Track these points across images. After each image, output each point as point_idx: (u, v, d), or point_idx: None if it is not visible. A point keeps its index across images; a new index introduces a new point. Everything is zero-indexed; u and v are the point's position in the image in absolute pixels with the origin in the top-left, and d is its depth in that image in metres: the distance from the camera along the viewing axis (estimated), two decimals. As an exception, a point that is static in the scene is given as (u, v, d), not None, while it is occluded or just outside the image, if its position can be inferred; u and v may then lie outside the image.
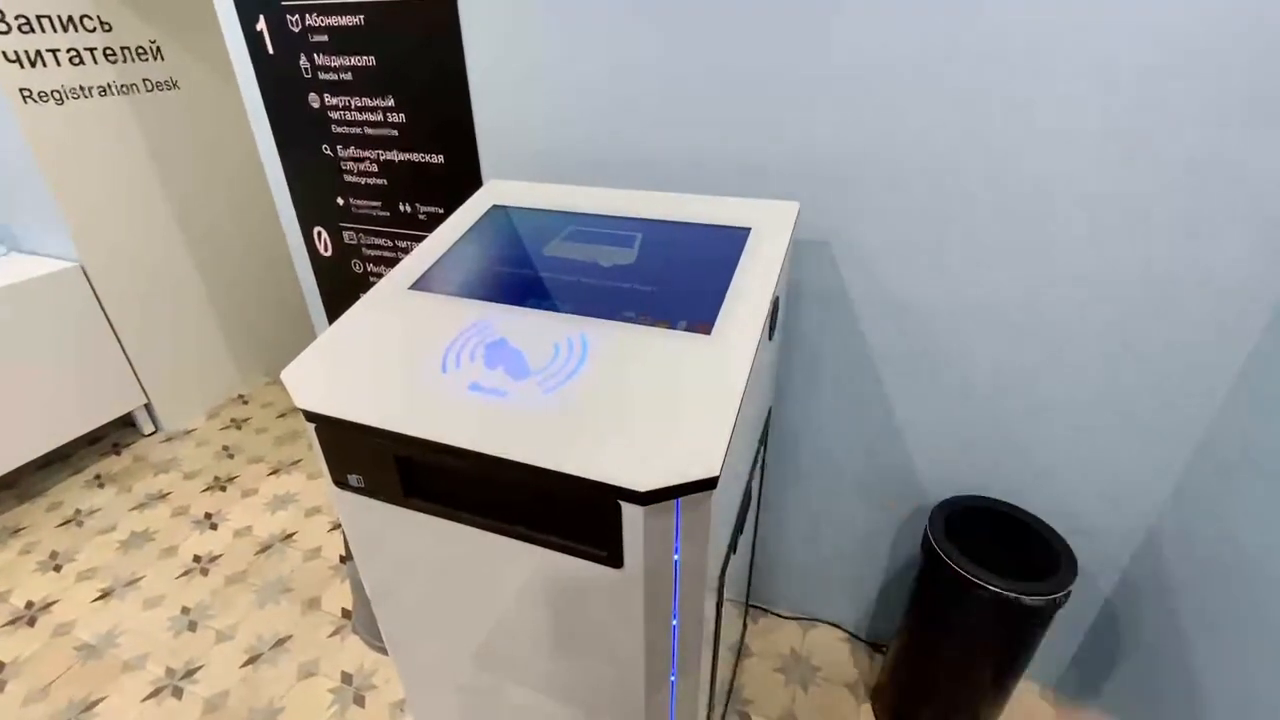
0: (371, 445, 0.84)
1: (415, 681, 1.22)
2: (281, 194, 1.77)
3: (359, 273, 1.78)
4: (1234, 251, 1.04)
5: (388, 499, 0.90)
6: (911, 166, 1.16)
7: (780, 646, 1.75)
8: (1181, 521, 1.23)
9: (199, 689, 1.66)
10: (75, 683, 1.68)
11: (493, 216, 1.22)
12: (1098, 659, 1.44)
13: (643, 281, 1.01)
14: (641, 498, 0.71)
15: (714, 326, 0.89)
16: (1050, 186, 1.09)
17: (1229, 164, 0.99)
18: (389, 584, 1.07)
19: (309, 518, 2.23)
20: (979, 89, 1.06)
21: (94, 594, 1.95)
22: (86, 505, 2.31)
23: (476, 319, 0.95)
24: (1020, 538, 1.31)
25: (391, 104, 1.47)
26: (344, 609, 1.87)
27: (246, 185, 2.74)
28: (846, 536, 1.64)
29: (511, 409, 0.80)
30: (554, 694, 1.03)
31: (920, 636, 1.40)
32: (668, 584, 0.80)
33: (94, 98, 2.26)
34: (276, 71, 1.57)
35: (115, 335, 2.47)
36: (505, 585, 0.92)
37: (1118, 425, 1.25)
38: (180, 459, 2.56)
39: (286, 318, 3.06)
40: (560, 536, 0.82)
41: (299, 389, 0.87)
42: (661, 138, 1.29)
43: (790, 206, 1.13)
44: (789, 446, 1.56)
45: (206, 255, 2.74)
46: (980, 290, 1.22)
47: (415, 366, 0.88)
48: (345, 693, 1.64)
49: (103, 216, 2.36)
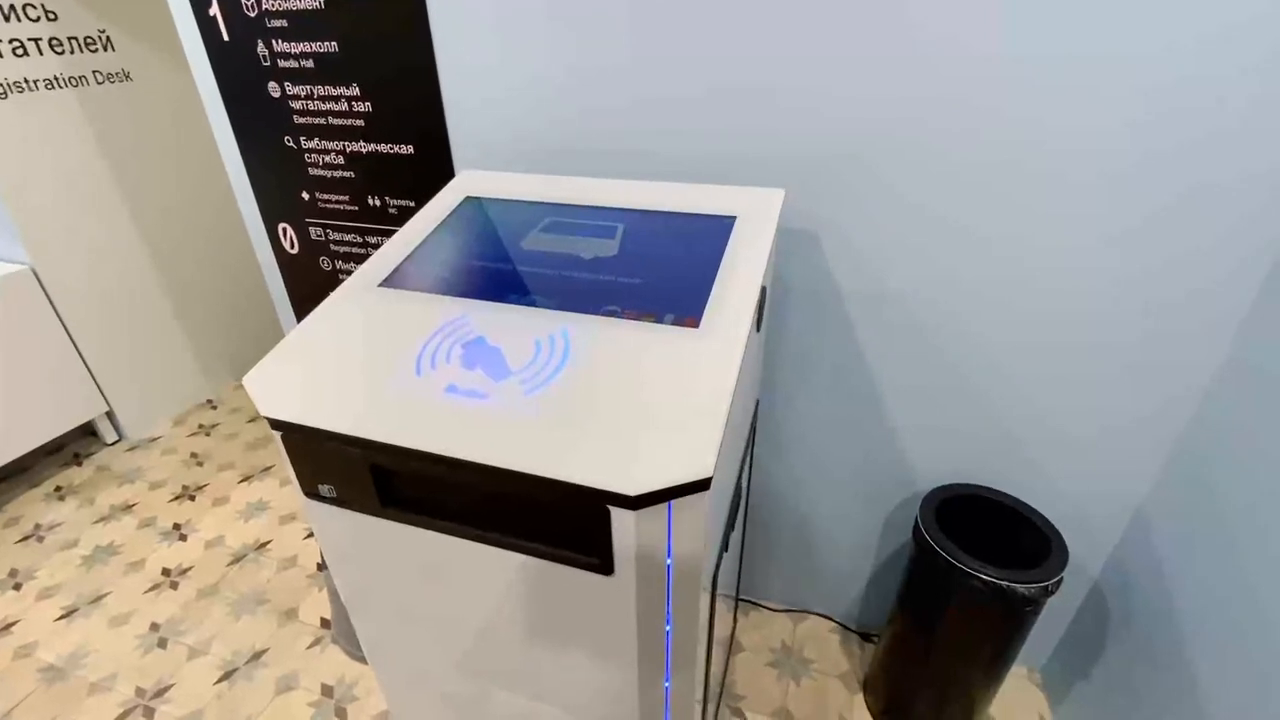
0: (344, 454, 0.80)
1: (397, 692, 1.18)
2: (243, 189, 1.69)
3: (327, 270, 1.71)
4: (1217, 242, 1.04)
5: (363, 509, 0.85)
6: (899, 153, 1.13)
7: (771, 640, 1.74)
8: (1169, 503, 1.23)
9: (171, 709, 1.59)
10: (39, 708, 1.60)
11: (466, 208, 1.17)
12: (1086, 641, 1.45)
13: (626, 274, 0.97)
14: (631, 502, 0.67)
15: (701, 320, 0.85)
16: (1044, 178, 1.08)
17: (1217, 161, 0.98)
18: (367, 595, 1.02)
19: (284, 525, 2.16)
20: (981, 72, 1.04)
21: (57, 613, 1.86)
22: (47, 519, 2.21)
23: (452, 317, 0.90)
24: (1009, 525, 1.31)
25: (356, 93, 1.41)
26: (323, 619, 1.81)
27: (207, 181, 2.63)
28: (835, 527, 1.63)
29: (492, 412, 0.76)
30: (543, 699, 0.99)
31: (912, 626, 1.39)
32: (660, 588, 0.76)
33: (40, 91, 2.14)
34: (233, 59, 1.48)
35: (72, 340, 2.35)
36: (489, 594, 0.88)
37: (1105, 411, 1.24)
38: (146, 468, 2.45)
39: (253, 319, 2.96)
40: (546, 544, 0.78)
41: (263, 396, 0.82)
42: (641, 125, 1.25)
43: (776, 194, 1.10)
44: (776, 439, 1.54)
45: (166, 255, 2.62)
46: (969, 279, 1.20)
47: (388, 369, 0.83)
48: (326, 706, 1.59)
49: (54, 216, 2.24)
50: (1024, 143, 1.06)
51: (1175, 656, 1.13)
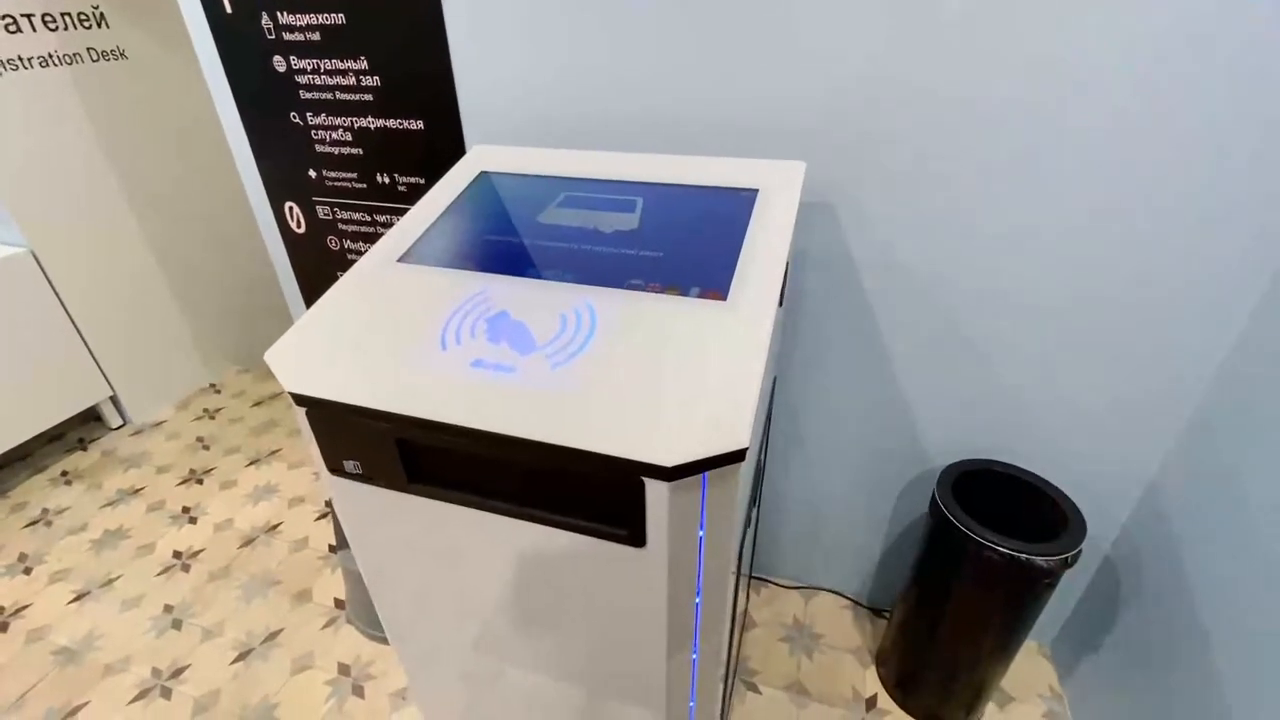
0: (370, 429, 0.79)
1: (418, 669, 1.18)
2: (248, 167, 1.66)
3: (335, 249, 1.69)
4: (1239, 218, 1.03)
5: (388, 485, 0.85)
6: (917, 126, 1.11)
7: (783, 616, 1.75)
8: (1181, 479, 1.24)
9: (188, 689, 1.60)
10: (54, 690, 1.61)
11: (481, 183, 1.15)
12: (1096, 616, 1.46)
13: (648, 247, 0.96)
14: (667, 473, 0.66)
15: (729, 292, 0.84)
16: (1063, 153, 1.06)
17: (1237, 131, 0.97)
18: (389, 573, 1.02)
19: (293, 508, 2.16)
20: (992, 42, 1.02)
21: (68, 596, 1.86)
22: (54, 504, 2.20)
23: (474, 292, 0.89)
24: (1022, 500, 1.31)
25: (364, 66, 1.38)
26: (336, 599, 1.82)
27: (208, 160, 2.59)
28: (848, 505, 1.63)
29: (520, 385, 0.75)
30: (569, 677, 1.00)
31: (927, 599, 1.40)
32: (691, 560, 0.76)
33: (34, 69, 2.09)
34: (236, 32, 1.45)
35: (74, 324, 2.33)
36: (514, 569, 0.88)
37: (1118, 386, 1.24)
38: (151, 452, 2.44)
39: (256, 301, 2.93)
40: (577, 517, 0.77)
41: (286, 371, 0.81)
42: (658, 98, 1.23)
43: (797, 166, 1.08)
44: (790, 415, 1.54)
45: (167, 237, 2.59)
46: (985, 254, 1.19)
47: (412, 344, 0.82)
48: (343, 684, 1.59)
49: (51, 198, 2.21)
50: (1044, 117, 1.05)
51: (1187, 631, 1.14)
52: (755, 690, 1.57)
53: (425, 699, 1.25)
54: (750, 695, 1.56)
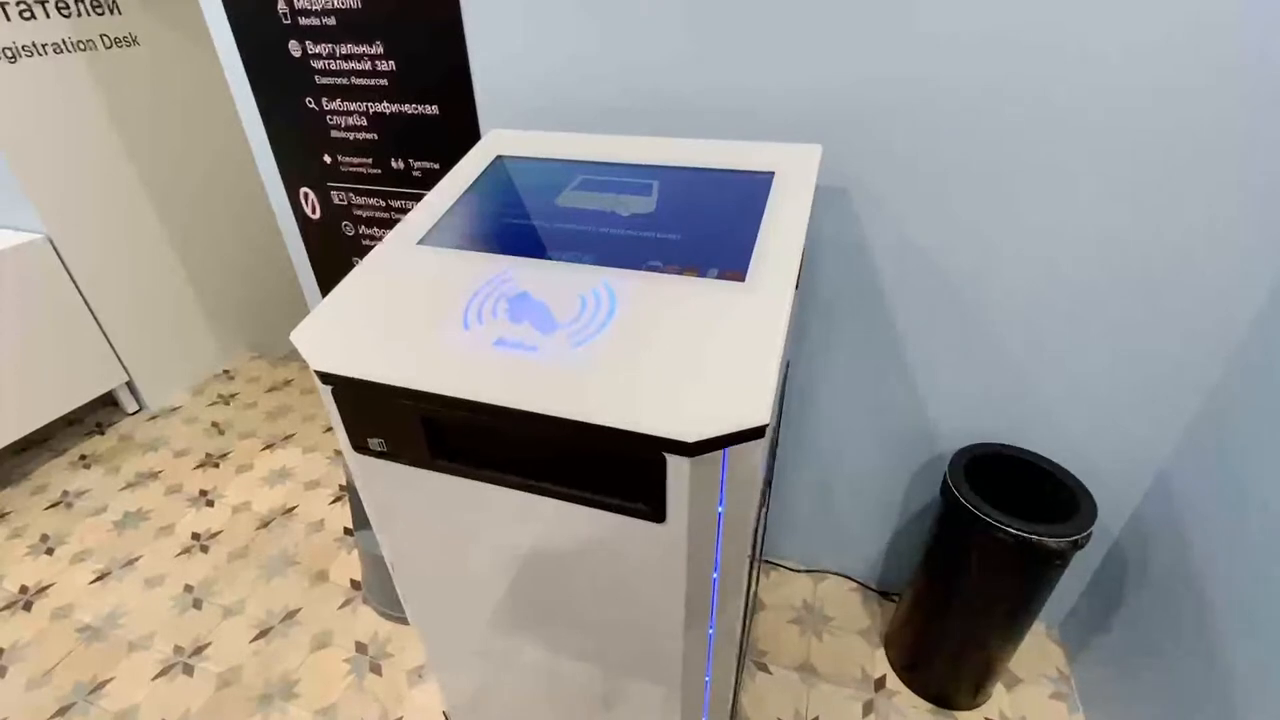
0: (395, 406, 0.80)
1: (437, 646, 1.21)
2: (263, 153, 1.67)
3: (350, 235, 1.70)
4: (1254, 205, 1.02)
5: (412, 462, 0.86)
6: (933, 108, 1.11)
7: (793, 599, 1.77)
8: (1192, 464, 1.24)
9: (210, 665, 1.63)
10: (79, 665, 1.65)
11: (498, 167, 1.16)
12: (1105, 599, 1.48)
13: (666, 230, 0.96)
14: (689, 449, 0.68)
15: (747, 273, 0.85)
16: (1077, 138, 1.06)
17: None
18: (410, 550, 1.04)
19: (309, 491, 2.19)
20: (1009, 27, 1.01)
21: (91, 576, 1.90)
22: (74, 486, 2.24)
23: (494, 273, 0.90)
24: (1031, 483, 1.32)
25: (380, 50, 1.38)
26: (353, 580, 1.85)
27: (223, 147, 2.61)
28: (858, 489, 1.65)
29: (543, 363, 0.76)
30: (586, 653, 1.02)
31: (937, 582, 1.42)
32: (711, 536, 0.78)
33: (48, 55, 2.10)
34: (252, 17, 1.46)
35: (90, 310, 2.36)
36: (534, 545, 0.89)
37: (1130, 371, 1.24)
38: (168, 437, 2.48)
39: (270, 287, 2.96)
40: (598, 493, 0.79)
41: (313, 350, 0.82)
42: (674, 82, 1.23)
43: (813, 150, 1.08)
44: (801, 399, 1.55)
45: (182, 224, 2.61)
46: (996, 237, 1.19)
47: (435, 323, 0.83)
48: (361, 662, 1.63)
49: (67, 185, 2.23)
50: (1058, 102, 1.04)
51: (1195, 615, 1.15)
52: (765, 670, 1.59)
53: (445, 675, 1.28)
54: (761, 675, 1.58)
